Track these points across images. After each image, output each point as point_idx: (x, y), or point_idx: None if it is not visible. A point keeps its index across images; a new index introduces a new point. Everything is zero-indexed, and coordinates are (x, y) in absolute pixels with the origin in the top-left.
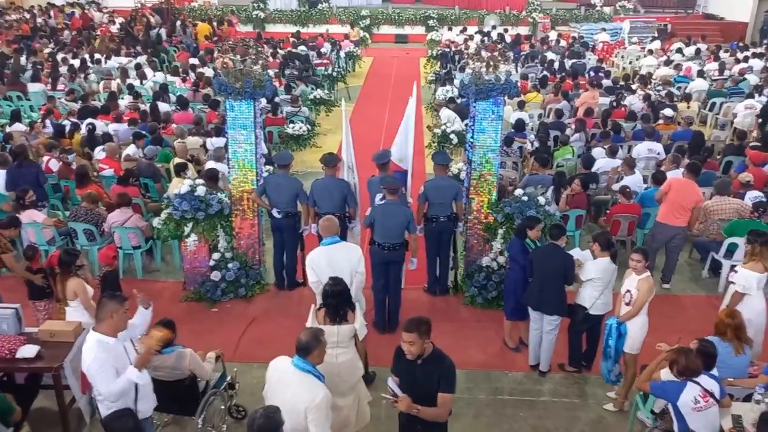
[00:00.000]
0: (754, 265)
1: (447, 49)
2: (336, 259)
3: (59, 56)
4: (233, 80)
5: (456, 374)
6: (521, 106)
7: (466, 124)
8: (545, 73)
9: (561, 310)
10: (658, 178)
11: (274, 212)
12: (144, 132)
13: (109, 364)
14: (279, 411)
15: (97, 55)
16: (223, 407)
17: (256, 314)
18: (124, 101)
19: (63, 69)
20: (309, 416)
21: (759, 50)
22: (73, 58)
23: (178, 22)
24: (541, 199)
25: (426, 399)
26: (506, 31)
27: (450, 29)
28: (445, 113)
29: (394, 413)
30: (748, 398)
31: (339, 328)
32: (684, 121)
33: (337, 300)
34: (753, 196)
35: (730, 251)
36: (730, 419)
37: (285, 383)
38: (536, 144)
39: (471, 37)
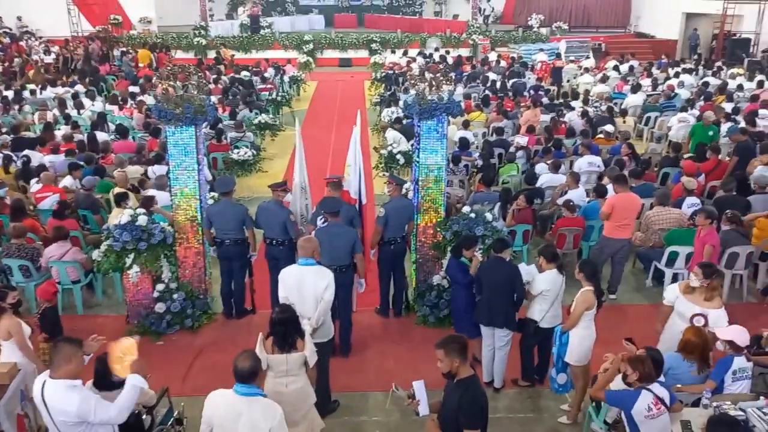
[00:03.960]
0: (717, 302)
1: (390, 71)
2: (304, 282)
3: None
4: (173, 106)
5: (481, 409)
6: (465, 125)
7: (412, 144)
8: (487, 92)
9: (511, 322)
10: (600, 191)
11: (211, 250)
12: (80, 162)
13: (94, 395)
14: None
15: (31, 86)
16: None
17: (204, 345)
18: (61, 132)
19: None
20: None
21: (688, 66)
22: (6, 89)
23: (117, 50)
24: (489, 216)
25: (447, 420)
26: (448, 53)
27: (393, 52)
28: (391, 134)
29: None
30: (696, 403)
31: (288, 357)
32: (621, 136)
33: (284, 328)
34: (691, 202)
35: (672, 260)
36: (679, 425)
37: (236, 414)
38: (480, 162)
39: (414, 59)
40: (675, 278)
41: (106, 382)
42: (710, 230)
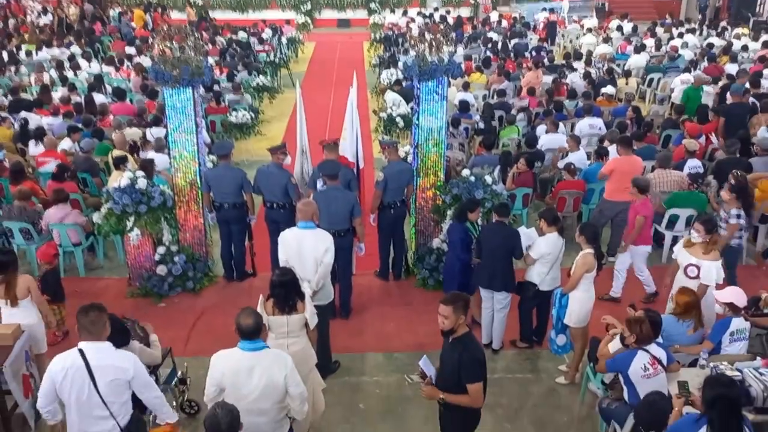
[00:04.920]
0: (714, 254)
1: (390, 32)
2: (304, 245)
3: None
4: (170, 68)
5: (481, 363)
6: (466, 87)
7: (412, 107)
8: (488, 53)
9: (510, 286)
10: (601, 153)
11: (210, 217)
12: (79, 125)
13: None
14: (224, 401)
15: (27, 47)
16: (174, 403)
17: (206, 307)
18: (58, 94)
19: None
20: (288, 381)
21: (692, 26)
22: (1, 50)
23: (113, 11)
24: (489, 179)
25: (447, 379)
26: (448, 12)
27: (392, 12)
28: (390, 96)
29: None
30: (693, 364)
31: (288, 318)
32: (624, 98)
33: (284, 290)
34: (692, 165)
35: (672, 222)
36: (676, 385)
37: (248, 369)
38: (481, 124)
39: (413, 20)
40: (675, 241)
41: (118, 341)
42: (644, 201)
